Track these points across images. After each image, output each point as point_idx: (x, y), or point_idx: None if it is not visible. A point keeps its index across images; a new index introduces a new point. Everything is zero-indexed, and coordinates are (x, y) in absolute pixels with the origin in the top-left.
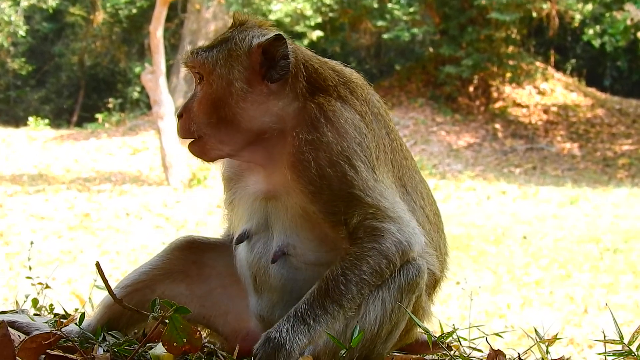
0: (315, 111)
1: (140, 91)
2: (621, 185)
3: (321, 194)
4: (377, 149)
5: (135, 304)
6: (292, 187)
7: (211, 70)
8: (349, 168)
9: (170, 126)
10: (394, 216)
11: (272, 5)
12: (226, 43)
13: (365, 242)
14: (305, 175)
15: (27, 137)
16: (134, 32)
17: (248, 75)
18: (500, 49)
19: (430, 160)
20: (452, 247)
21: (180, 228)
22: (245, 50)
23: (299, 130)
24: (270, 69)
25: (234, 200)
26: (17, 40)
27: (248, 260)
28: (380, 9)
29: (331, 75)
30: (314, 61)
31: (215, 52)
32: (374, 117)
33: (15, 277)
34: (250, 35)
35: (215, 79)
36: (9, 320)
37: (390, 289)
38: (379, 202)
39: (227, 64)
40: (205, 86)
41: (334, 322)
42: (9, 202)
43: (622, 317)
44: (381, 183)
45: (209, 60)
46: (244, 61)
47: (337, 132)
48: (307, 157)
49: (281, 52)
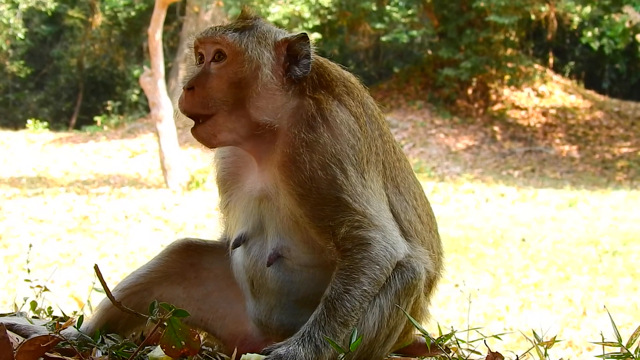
0: (313, 109)
1: (139, 94)
2: (620, 187)
3: (309, 196)
4: (369, 152)
5: (133, 307)
6: (280, 187)
7: (242, 50)
8: (340, 172)
9: (169, 129)
10: (379, 224)
11: (271, 8)
12: (251, 30)
13: (355, 253)
14: (296, 176)
15: (26, 139)
16: (133, 34)
17: (273, 65)
18: (499, 52)
19: (428, 162)
20: (450, 249)
21: (178, 231)
22: (272, 42)
23: (296, 128)
24: (292, 65)
25: (230, 202)
26: (15, 42)
27: (245, 264)
28: (378, 12)
29: (336, 76)
30: (322, 61)
31: (245, 35)
32: (368, 119)
33: (14, 279)
34: (274, 30)
35: (246, 59)
36: (8, 323)
37: (386, 294)
38: (365, 209)
39: (258, 49)
40: (229, 65)
41: (340, 343)
42: (8, 205)
43: (620, 319)
44: (369, 189)
45: (242, 40)
46: (272, 51)
47: (332, 133)
48: (303, 157)
49: (305, 50)
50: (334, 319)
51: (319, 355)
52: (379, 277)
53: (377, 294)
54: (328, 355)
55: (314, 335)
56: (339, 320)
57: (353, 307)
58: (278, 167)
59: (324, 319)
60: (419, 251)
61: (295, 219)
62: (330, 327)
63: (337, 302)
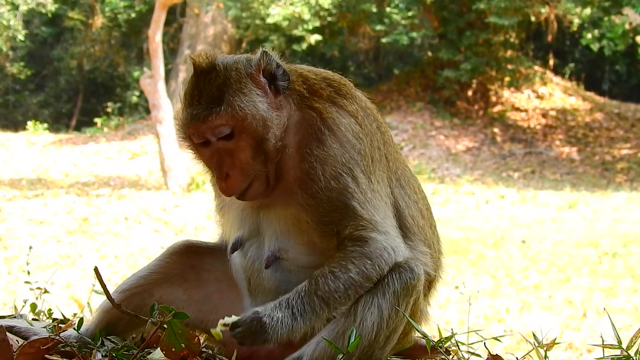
0: (318, 122)
1: (139, 95)
2: (620, 189)
3: (319, 206)
4: (372, 149)
5: (134, 308)
6: (291, 199)
7: (244, 117)
8: (351, 180)
9: (169, 130)
10: (383, 230)
11: (270, 9)
12: (228, 87)
13: (350, 246)
14: (310, 188)
15: (26, 141)
16: (133, 36)
17: (268, 101)
18: (499, 53)
19: (429, 164)
20: (450, 251)
21: (179, 232)
22: (249, 79)
23: (307, 145)
24: (275, 82)
25: (224, 206)
26: (16, 44)
27: (242, 264)
28: (378, 13)
29: (316, 78)
30: (295, 66)
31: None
32: (364, 113)
33: (14, 281)
34: (236, 65)
35: (251, 120)
36: (7, 325)
37: (385, 294)
38: (372, 216)
39: (249, 101)
40: (242, 136)
41: (317, 321)
42: (8, 207)
43: (620, 321)
44: (377, 193)
45: (235, 108)
46: (256, 89)
47: (340, 142)
48: (317, 171)
49: (273, 62)
50: (314, 292)
51: (294, 321)
52: (369, 271)
53: (375, 293)
54: (303, 325)
55: (292, 303)
56: (319, 294)
57: (336, 288)
58: (291, 181)
59: (305, 291)
60: (420, 251)
61: (298, 225)
62: (309, 299)
63: (321, 279)
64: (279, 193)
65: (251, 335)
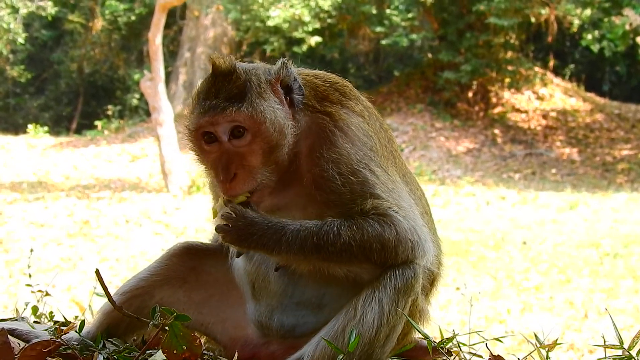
0: (330, 125)
1: (139, 98)
2: (620, 190)
3: (342, 196)
4: (381, 146)
5: (134, 311)
6: (310, 202)
7: (263, 120)
8: (370, 173)
9: (169, 133)
10: (410, 217)
11: (271, 11)
12: (250, 90)
13: (371, 218)
14: (328, 187)
15: (27, 144)
16: (133, 39)
17: (284, 109)
18: (499, 55)
19: (429, 165)
20: (451, 252)
21: (179, 235)
22: (269, 87)
23: (320, 148)
24: (290, 94)
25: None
26: (16, 47)
27: (246, 267)
28: (378, 15)
29: (324, 85)
30: (302, 71)
31: (252, 99)
32: (368, 113)
33: (15, 284)
34: (256, 70)
35: (269, 125)
36: (9, 328)
37: (386, 288)
38: (398, 202)
39: (269, 107)
40: (255, 138)
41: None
42: (9, 210)
43: (622, 321)
44: (398, 184)
45: (256, 109)
46: (275, 99)
47: (352, 142)
48: (332, 172)
49: (292, 75)
50: (310, 233)
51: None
52: (372, 251)
53: (376, 288)
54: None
55: (284, 227)
56: (314, 238)
57: (334, 241)
58: (307, 184)
59: (302, 226)
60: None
61: None
62: (304, 234)
63: (325, 227)
64: (292, 197)
65: (235, 224)
